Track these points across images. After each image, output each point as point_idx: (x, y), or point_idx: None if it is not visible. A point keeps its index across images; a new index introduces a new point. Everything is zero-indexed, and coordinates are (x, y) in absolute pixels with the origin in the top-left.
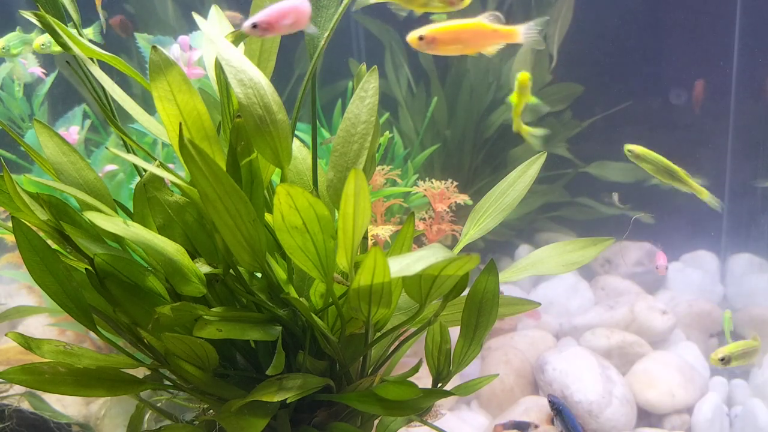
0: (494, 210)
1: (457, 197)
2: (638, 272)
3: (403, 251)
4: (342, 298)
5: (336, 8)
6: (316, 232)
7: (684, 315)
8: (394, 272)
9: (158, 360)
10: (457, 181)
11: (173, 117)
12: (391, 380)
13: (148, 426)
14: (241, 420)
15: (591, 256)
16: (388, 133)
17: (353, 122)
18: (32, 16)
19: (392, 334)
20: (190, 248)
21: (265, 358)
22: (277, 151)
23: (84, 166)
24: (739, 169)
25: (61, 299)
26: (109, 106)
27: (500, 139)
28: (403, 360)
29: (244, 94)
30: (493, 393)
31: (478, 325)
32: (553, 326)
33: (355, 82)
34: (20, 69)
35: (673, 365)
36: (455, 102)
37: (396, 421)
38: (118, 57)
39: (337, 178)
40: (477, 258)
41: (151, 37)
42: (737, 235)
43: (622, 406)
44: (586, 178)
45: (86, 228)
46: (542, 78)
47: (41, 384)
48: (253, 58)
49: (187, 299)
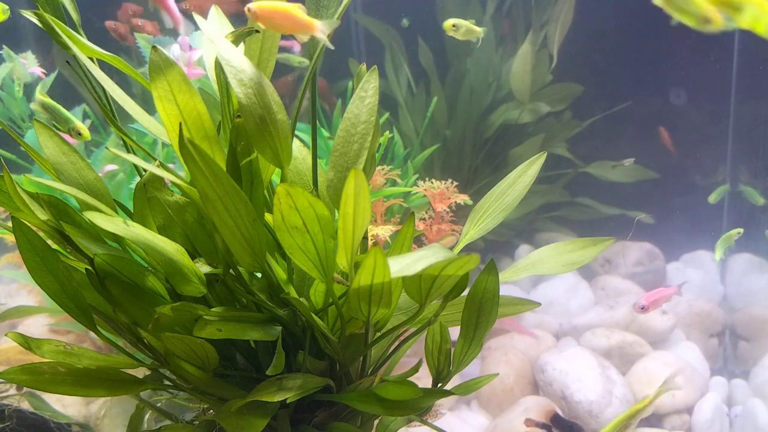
0: (494, 210)
1: (457, 197)
2: (638, 272)
3: (403, 251)
4: (342, 298)
5: (336, 8)
6: (316, 232)
7: (684, 315)
8: (394, 272)
9: (158, 360)
10: (457, 181)
11: (173, 117)
12: (391, 380)
13: (148, 426)
14: (241, 420)
15: (591, 256)
16: (388, 133)
17: (353, 122)
18: (32, 15)
19: (392, 334)
20: (190, 248)
21: (265, 358)
22: (277, 151)
23: (84, 166)
24: (739, 169)
25: (61, 299)
26: (109, 106)
27: (500, 139)
28: (403, 360)
29: (244, 94)
30: (493, 393)
31: (478, 325)
32: (553, 326)
33: (355, 82)
34: (20, 69)
35: (673, 365)
36: (455, 102)
37: (396, 421)
38: (118, 57)
39: (337, 178)
40: (477, 258)
41: (151, 37)
42: None
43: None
44: (586, 178)
45: (86, 228)
46: (542, 78)
47: (41, 384)
48: (253, 58)
49: (187, 299)
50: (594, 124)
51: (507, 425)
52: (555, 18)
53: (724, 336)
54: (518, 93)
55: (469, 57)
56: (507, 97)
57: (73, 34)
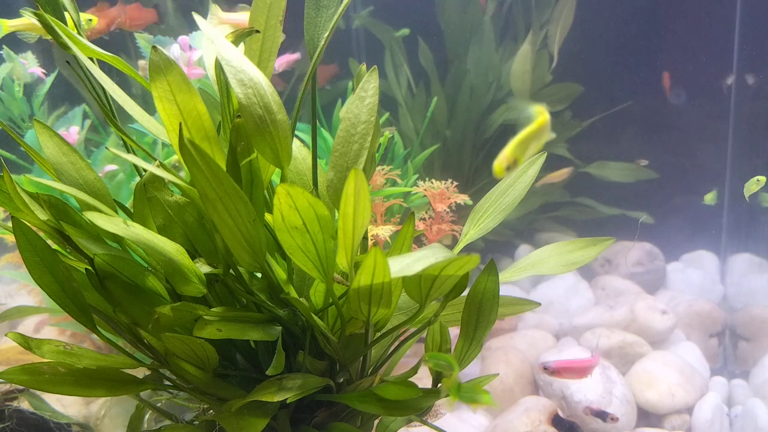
0: (494, 210)
1: (457, 197)
2: (638, 272)
3: (403, 251)
4: (342, 298)
5: (336, 8)
6: (316, 232)
7: (684, 315)
8: (394, 272)
9: (158, 360)
10: (457, 181)
11: (173, 117)
12: (391, 380)
13: (148, 426)
14: (241, 420)
15: (591, 256)
16: (387, 133)
17: (353, 122)
18: (32, 15)
19: (392, 334)
20: (190, 248)
21: (265, 358)
22: (277, 151)
23: (84, 166)
24: (739, 169)
25: (61, 299)
26: (109, 106)
27: (500, 139)
28: (403, 360)
29: (244, 94)
30: (493, 393)
31: (478, 325)
32: (553, 326)
33: (355, 82)
34: (20, 69)
35: (673, 365)
36: (455, 102)
37: (396, 421)
38: (118, 57)
39: (337, 178)
40: (477, 258)
41: (151, 37)
42: (737, 235)
43: (622, 406)
44: (586, 178)
45: (86, 228)
46: (542, 78)
47: (41, 384)
48: (253, 58)
49: (187, 299)
50: (594, 124)
51: (507, 425)
52: (555, 18)
53: (724, 336)
54: (518, 93)
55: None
56: (507, 97)
57: (73, 34)
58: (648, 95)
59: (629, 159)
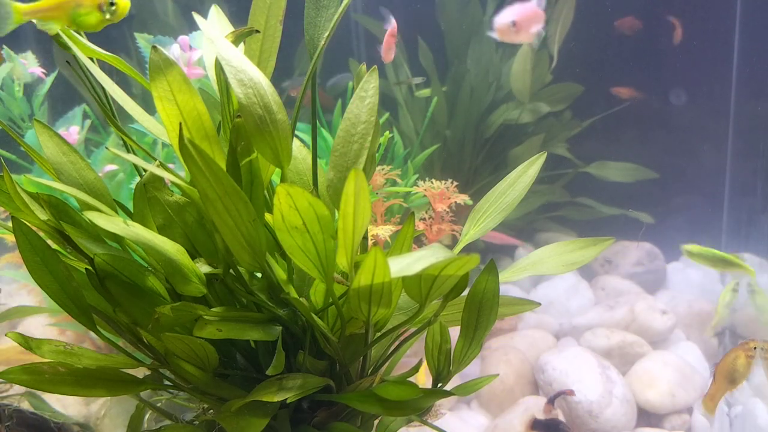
0: (494, 210)
1: (457, 197)
2: (638, 272)
3: (403, 251)
4: (342, 298)
5: (336, 8)
6: (316, 232)
7: (684, 315)
8: (394, 272)
9: (158, 360)
10: (457, 181)
11: (173, 117)
12: (391, 380)
13: (148, 426)
14: (241, 420)
15: (591, 256)
16: (388, 133)
17: (353, 122)
18: None
19: (392, 334)
20: (190, 248)
21: (265, 358)
22: (277, 151)
23: (84, 166)
24: (739, 169)
25: (61, 299)
26: (109, 106)
27: (500, 139)
28: (403, 360)
29: (244, 94)
30: (493, 393)
31: (478, 325)
32: (553, 326)
33: (355, 82)
34: (20, 69)
35: (673, 365)
36: (455, 102)
37: (396, 421)
38: (118, 57)
39: (337, 178)
40: (477, 258)
41: (151, 37)
42: (737, 235)
43: (622, 406)
44: (586, 178)
45: (86, 228)
46: (542, 78)
47: (41, 384)
48: (253, 58)
49: (187, 299)
50: (594, 124)
51: (507, 425)
52: (555, 18)
53: (724, 336)
54: (518, 93)
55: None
56: (507, 97)
57: (73, 34)
58: (648, 95)
59: (629, 159)
